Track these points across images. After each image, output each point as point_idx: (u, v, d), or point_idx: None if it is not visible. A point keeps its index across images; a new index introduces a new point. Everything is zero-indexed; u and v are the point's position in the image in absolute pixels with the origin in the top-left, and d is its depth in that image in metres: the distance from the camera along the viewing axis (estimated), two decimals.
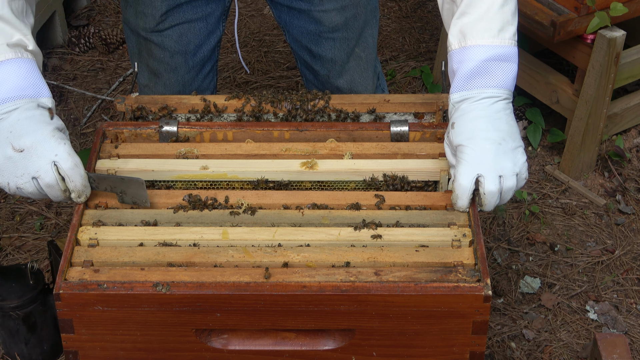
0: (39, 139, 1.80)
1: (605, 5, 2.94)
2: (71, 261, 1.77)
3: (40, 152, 1.80)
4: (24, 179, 1.80)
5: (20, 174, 1.80)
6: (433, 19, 3.99)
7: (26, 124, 1.80)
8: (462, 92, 1.87)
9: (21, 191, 1.82)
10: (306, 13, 2.34)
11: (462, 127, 1.86)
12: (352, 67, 2.44)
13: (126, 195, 1.89)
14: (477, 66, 1.86)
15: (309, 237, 1.82)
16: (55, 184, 1.81)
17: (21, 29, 1.84)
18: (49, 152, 1.80)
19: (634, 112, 3.26)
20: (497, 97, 1.86)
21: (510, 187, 1.84)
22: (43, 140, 1.80)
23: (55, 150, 1.81)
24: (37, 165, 1.79)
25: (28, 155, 1.79)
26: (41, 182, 1.80)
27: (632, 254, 2.93)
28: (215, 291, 1.71)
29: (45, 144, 1.80)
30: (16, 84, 1.81)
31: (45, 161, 1.80)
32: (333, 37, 2.37)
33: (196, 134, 2.08)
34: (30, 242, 2.95)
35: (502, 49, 1.86)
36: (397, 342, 1.78)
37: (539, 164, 3.28)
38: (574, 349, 2.64)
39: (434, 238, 1.82)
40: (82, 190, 1.85)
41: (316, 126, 2.08)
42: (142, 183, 1.87)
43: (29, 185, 1.81)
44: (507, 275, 2.85)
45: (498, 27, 1.86)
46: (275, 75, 3.69)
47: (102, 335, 1.77)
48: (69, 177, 1.82)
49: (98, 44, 3.78)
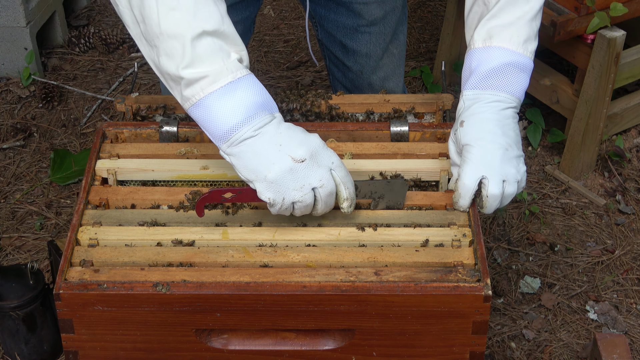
0: (316, 147, 1.73)
1: (605, 5, 2.94)
2: (71, 261, 1.77)
3: (322, 161, 1.74)
4: (304, 190, 1.72)
5: (301, 185, 1.72)
6: (433, 19, 3.99)
7: (293, 134, 1.73)
8: (476, 90, 1.88)
9: (298, 205, 1.74)
10: (345, 6, 2.32)
11: (471, 127, 1.86)
12: (386, 63, 2.43)
13: (383, 200, 1.87)
14: (497, 67, 1.87)
15: (309, 237, 1.82)
16: (334, 192, 1.76)
17: (238, 43, 1.75)
18: (327, 160, 1.75)
19: (634, 112, 3.26)
20: (508, 104, 1.87)
21: (511, 193, 1.85)
22: (321, 149, 1.74)
23: (332, 159, 1.75)
24: (319, 174, 1.73)
25: (310, 165, 1.72)
26: (323, 190, 1.73)
27: (632, 254, 2.93)
28: (215, 291, 1.71)
29: (324, 152, 1.74)
30: (255, 101, 1.72)
31: (326, 169, 1.74)
32: (370, 32, 2.36)
33: (196, 134, 2.08)
34: (30, 242, 2.94)
35: (522, 59, 1.88)
36: (397, 342, 1.78)
37: (539, 164, 3.28)
38: (574, 349, 2.64)
39: (434, 238, 1.82)
40: (354, 198, 1.80)
41: (316, 126, 2.08)
42: (406, 183, 1.87)
43: (310, 197, 1.73)
44: (507, 275, 2.85)
45: (525, 38, 1.88)
46: (275, 75, 3.69)
47: (102, 335, 1.77)
48: (345, 184, 1.76)
49: (98, 44, 3.78)
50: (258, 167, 1.72)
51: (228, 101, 1.70)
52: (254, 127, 1.71)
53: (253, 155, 1.71)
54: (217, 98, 1.70)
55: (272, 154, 1.71)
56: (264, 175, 1.71)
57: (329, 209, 1.78)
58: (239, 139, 1.71)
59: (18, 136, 3.33)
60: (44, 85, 3.48)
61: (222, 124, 1.71)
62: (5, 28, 3.48)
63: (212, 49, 1.69)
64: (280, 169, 1.71)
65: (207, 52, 1.69)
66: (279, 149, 1.71)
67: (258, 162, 1.71)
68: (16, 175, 3.19)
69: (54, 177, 3.12)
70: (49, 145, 3.30)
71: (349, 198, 1.78)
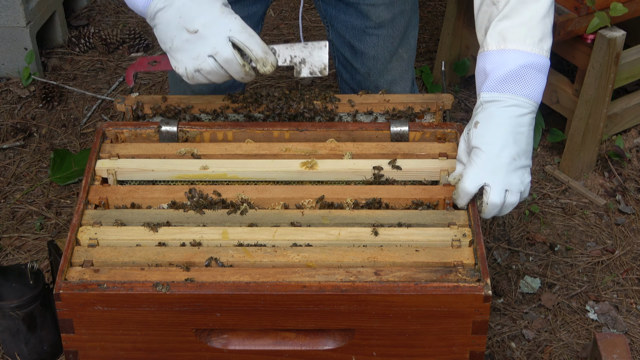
0: (209, 18, 1.82)
1: (605, 5, 2.94)
2: (71, 261, 1.77)
3: (215, 29, 1.82)
4: (201, 59, 1.82)
5: (197, 55, 1.82)
6: (433, 19, 3.99)
7: (194, 6, 1.82)
8: (493, 92, 1.87)
9: (201, 73, 1.84)
10: (354, 6, 2.32)
11: (484, 130, 1.86)
12: (394, 67, 2.43)
13: (305, 65, 1.91)
14: (514, 70, 1.86)
15: (309, 237, 1.82)
16: (233, 58, 1.82)
17: None
18: (223, 28, 1.83)
19: (634, 112, 3.26)
20: (526, 110, 1.86)
21: (512, 203, 1.85)
22: (215, 19, 1.82)
23: (229, 26, 1.83)
24: (213, 42, 1.81)
25: (203, 35, 1.81)
26: (219, 58, 1.82)
27: (632, 254, 2.93)
28: (215, 291, 1.71)
29: (219, 21, 1.82)
30: None
31: (221, 37, 1.82)
32: (377, 34, 2.36)
33: (196, 134, 2.08)
34: (30, 242, 2.94)
35: (539, 59, 1.87)
36: (397, 342, 1.78)
37: (539, 164, 3.28)
38: (574, 349, 2.64)
39: (434, 238, 1.82)
40: (264, 58, 1.86)
41: (316, 126, 2.08)
42: (326, 45, 1.91)
43: (207, 64, 1.82)
44: (507, 275, 2.85)
45: (539, 37, 1.87)
46: (275, 75, 3.69)
47: (102, 335, 1.77)
48: (248, 47, 1.84)
49: (98, 44, 3.78)
50: (165, 39, 1.87)
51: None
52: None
53: (163, 27, 1.87)
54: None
55: (173, 25, 1.84)
56: (169, 46, 1.87)
57: (243, 75, 1.85)
58: (153, 11, 1.86)
59: (18, 136, 3.33)
60: (44, 85, 3.48)
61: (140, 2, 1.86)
62: (5, 28, 3.48)
63: None
64: (178, 39, 1.84)
65: None
66: (179, 22, 1.84)
67: (165, 34, 1.86)
68: (16, 175, 3.19)
69: (54, 177, 3.12)
70: (49, 145, 3.30)
71: (256, 59, 1.86)
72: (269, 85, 3.63)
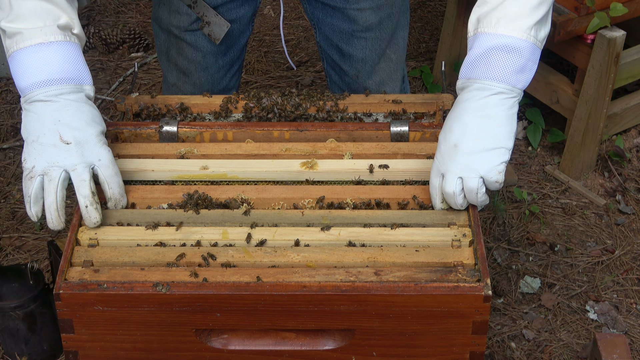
0: (86, 138, 1.81)
1: (605, 5, 2.94)
2: (71, 261, 1.77)
3: (86, 151, 1.81)
4: (54, 168, 1.78)
5: (54, 162, 1.79)
6: (433, 19, 3.99)
7: (75, 118, 1.82)
8: (461, 79, 1.86)
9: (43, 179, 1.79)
10: (341, 11, 2.32)
11: (447, 119, 1.86)
12: (382, 68, 2.43)
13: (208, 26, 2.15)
14: (479, 54, 1.82)
15: (309, 237, 1.82)
16: (89, 182, 1.80)
17: (68, 12, 1.85)
18: (94, 154, 1.81)
19: (634, 112, 3.26)
20: (491, 91, 1.81)
21: (472, 188, 1.79)
22: (90, 142, 1.81)
23: (99, 155, 1.82)
24: (77, 161, 1.79)
25: (73, 150, 1.79)
26: (75, 174, 1.79)
27: (632, 254, 2.93)
28: (215, 291, 1.71)
29: (92, 146, 1.82)
30: (61, 67, 1.82)
31: (87, 161, 1.80)
32: (365, 37, 2.36)
33: (196, 134, 2.08)
34: (30, 242, 2.95)
35: (507, 39, 1.80)
36: (397, 342, 1.78)
37: (539, 164, 3.28)
38: (574, 349, 2.64)
39: (434, 238, 1.82)
40: (119, 199, 1.86)
41: (316, 126, 2.08)
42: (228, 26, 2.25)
43: (56, 173, 1.78)
44: (507, 275, 2.85)
45: (510, 17, 1.80)
46: (275, 75, 3.69)
47: (102, 335, 1.77)
48: (109, 184, 1.83)
49: (98, 44, 3.78)
50: (32, 130, 1.81)
51: (33, 61, 1.81)
52: (48, 93, 1.81)
53: (34, 118, 1.82)
54: (26, 55, 1.81)
55: (47, 124, 1.80)
56: (32, 139, 1.81)
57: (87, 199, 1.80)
58: (31, 99, 1.82)
59: (18, 136, 3.33)
60: None
61: (23, 80, 1.82)
62: None
63: (35, 9, 1.81)
64: (47, 139, 1.79)
65: (30, 12, 1.81)
66: (55, 124, 1.80)
67: (34, 126, 1.81)
68: (16, 176, 3.19)
69: None
70: None
71: (112, 198, 1.86)
72: (268, 85, 3.63)
